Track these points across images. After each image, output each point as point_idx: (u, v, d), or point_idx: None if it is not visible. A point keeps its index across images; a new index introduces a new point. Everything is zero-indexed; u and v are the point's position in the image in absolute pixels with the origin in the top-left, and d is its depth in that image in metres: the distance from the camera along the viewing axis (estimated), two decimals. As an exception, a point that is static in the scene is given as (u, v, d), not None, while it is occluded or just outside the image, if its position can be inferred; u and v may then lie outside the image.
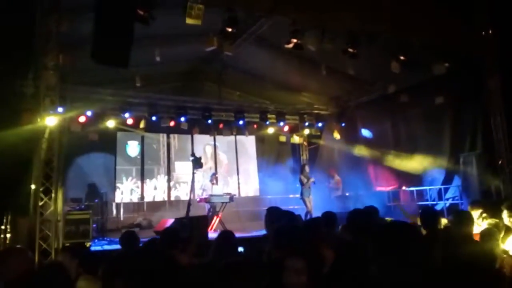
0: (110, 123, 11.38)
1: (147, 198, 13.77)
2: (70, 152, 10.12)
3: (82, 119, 10.58)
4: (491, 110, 9.24)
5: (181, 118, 11.83)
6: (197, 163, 10.64)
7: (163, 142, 14.48)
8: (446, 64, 9.04)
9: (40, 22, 7.35)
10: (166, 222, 9.88)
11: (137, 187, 13.73)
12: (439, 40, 8.58)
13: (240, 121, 12.58)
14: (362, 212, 3.77)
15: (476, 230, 4.35)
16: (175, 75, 13.10)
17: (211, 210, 10.93)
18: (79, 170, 12.11)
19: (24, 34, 7.39)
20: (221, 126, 13.34)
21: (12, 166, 7.63)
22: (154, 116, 11.48)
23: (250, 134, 14.66)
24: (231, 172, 15.46)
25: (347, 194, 12.70)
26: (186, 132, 13.29)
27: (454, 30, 8.51)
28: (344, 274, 2.59)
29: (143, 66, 9.90)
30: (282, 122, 13.18)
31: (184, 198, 13.47)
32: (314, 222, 4.63)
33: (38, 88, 7.97)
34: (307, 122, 13.68)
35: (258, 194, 15.34)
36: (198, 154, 11.42)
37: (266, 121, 12.81)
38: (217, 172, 13.69)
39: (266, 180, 14.75)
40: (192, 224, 8.59)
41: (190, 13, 6.65)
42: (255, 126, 13.62)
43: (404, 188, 11.61)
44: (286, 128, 13.96)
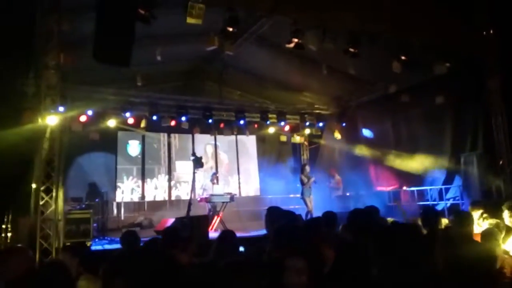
0: (111, 123, 11.38)
1: (148, 198, 13.77)
2: (71, 151, 10.12)
3: (83, 119, 10.58)
4: (492, 110, 9.24)
5: (182, 118, 11.82)
6: (197, 163, 10.64)
7: (164, 142, 14.48)
8: (447, 64, 9.03)
9: (40, 22, 7.36)
10: (166, 222, 9.88)
11: (137, 187, 13.74)
12: (440, 40, 8.58)
13: (241, 120, 12.57)
14: (362, 212, 3.76)
15: (477, 230, 4.35)
16: (176, 75, 13.11)
17: (212, 209, 10.94)
18: (80, 170, 12.12)
19: (24, 33, 7.40)
20: (222, 125, 13.33)
21: (13, 165, 7.64)
22: (155, 115, 11.47)
23: (251, 133, 14.66)
24: (232, 171, 15.46)
25: (348, 194, 12.69)
26: (187, 131, 13.29)
27: (454, 30, 8.50)
28: (344, 274, 2.59)
29: (144, 65, 9.91)
30: (283, 121, 13.18)
31: (184, 197, 13.48)
32: (314, 222, 4.62)
33: (39, 87, 7.99)
34: (308, 122, 13.66)
35: (258, 193, 15.34)
36: (198, 153, 11.42)
37: (267, 120, 12.80)
38: (217, 171, 13.69)
39: (266, 179, 14.76)
40: (192, 223, 8.60)
41: (191, 12, 6.66)
42: (256, 125, 13.61)
43: (404, 188, 11.60)
44: (287, 127, 13.94)
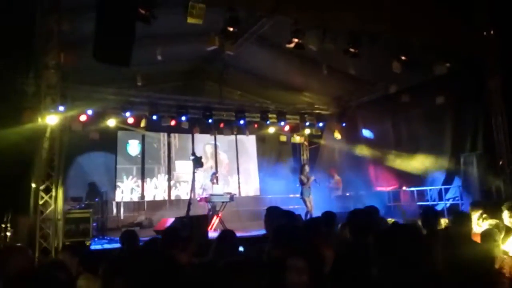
0: (111, 122, 11.38)
1: (148, 197, 13.77)
2: (71, 151, 10.11)
3: (83, 118, 10.58)
4: (492, 110, 9.24)
5: (182, 118, 11.82)
6: (197, 163, 10.64)
7: (164, 141, 14.48)
8: (447, 64, 9.03)
9: (40, 21, 7.35)
10: (166, 221, 9.87)
11: (137, 186, 13.74)
12: (440, 40, 8.58)
13: (240, 120, 12.57)
14: (362, 212, 3.76)
15: (476, 231, 4.35)
16: (176, 75, 13.10)
17: (211, 209, 10.93)
18: (80, 169, 12.12)
19: (25, 33, 7.39)
20: (221, 125, 13.33)
21: (12, 164, 7.63)
22: (155, 115, 11.47)
23: (251, 133, 14.67)
24: (232, 171, 15.46)
25: (348, 194, 12.69)
26: (187, 131, 13.29)
27: (454, 30, 8.50)
28: (344, 274, 2.59)
29: (144, 65, 9.90)
30: (283, 121, 13.18)
31: (184, 197, 13.48)
32: (314, 222, 4.62)
33: (39, 86, 7.98)
34: (308, 122, 13.66)
35: (258, 193, 15.33)
36: (198, 153, 11.43)
37: (266, 120, 12.80)
38: (217, 171, 13.68)
39: (266, 179, 14.76)
40: (192, 223, 8.60)
41: (192, 12, 6.65)
42: (256, 125, 13.61)
43: (404, 188, 11.61)
44: (287, 127, 13.94)
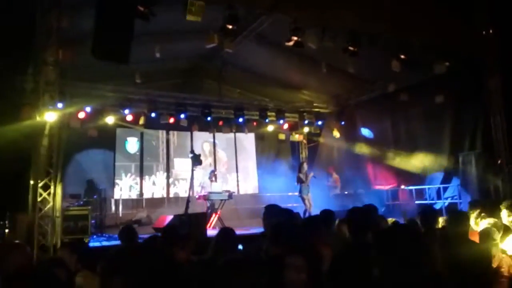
0: (110, 120, 11.34)
1: (146, 195, 13.78)
2: (69, 148, 10.09)
3: (81, 115, 10.55)
4: (491, 109, 9.24)
5: (180, 115, 11.82)
6: (196, 160, 10.64)
7: (163, 139, 14.47)
8: (447, 63, 9.04)
9: (40, 18, 7.33)
10: (165, 219, 9.86)
11: (136, 184, 13.74)
12: (439, 40, 8.58)
13: (239, 118, 12.57)
14: (361, 210, 3.76)
15: (475, 229, 4.35)
16: (175, 72, 13.08)
17: (210, 207, 10.94)
18: (78, 166, 12.09)
19: (24, 29, 7.38)
20: (220, 123, 13.30)
21: (11, 161, 7.63)
22: (154, 112, 11.47)
23: (250, 131, 14.63)
24: (230, 169, 15.46)
25: (346, 192, 12.71)
26: (186, 129, 13.29)
27: (454, 30, 8.50)
28: (343, 272, 2.60)
29: (143, 62, 9.88)
30: (282, 120, 13.18)
31: (183, 195, 13.48)
32: (312, 220, 4.63)
33: (37, 83, 7.96)
34: (307, 120, 13.66)
35: (257, 191, 15.35)
36: (196, 151, 11.42)
37: (265, 118, 12.80)
38: (216, 169, 13.68)
39: (265, 177, 14.77)
40: (190, 221, 8.60)
41: (191, 9, 6.65)
42: (255, 123, 13.59)
43: (403, 187, 11.62)
44: (286, 126, 13.95)
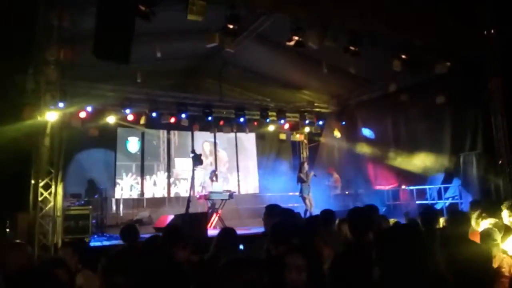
0: (111, 119, 11.37)
1: (147, 195, 13.78)
2: (70, 147, 10.10)
3: (82, 115, 10.57)
4: (492, 109, 9.23)
5: (181, 115, 11.83)
6: (197, 160, 10.63)
7: (163, 139, 14.47)
8: (447, 63, 9.02)
9: (41, 17, 7.33)
10: (166, 219, 9.87)
11: (137, 183, 13.74)
12: (440, 40, 8.56)
13: (240, 118, 12.58)
14: (362, 210, 3.76)
15: (476, 230, 4.34)
16: (176, 72, 13.07)
17: (211, 207, 10.94)
18: (79, 166, 12.10)
19: (25, 28, 7.38)
20: (221, 123, 13.32)
21: (12, 161, 7.64)
22: (155, 112, 11.49)
23: (251, 131, 14.63)
24: (231, 169, 15.46)
25: (347, 192, 12.70)
26: (186, 128, 13.29)
27: (454, 30, 8.48)
28: (344, 272, 2.59)
29: (144, 62, 9.87)
30: (283, 119, 13.18)
31: (184, 194, 13.47)
32: (312, 220, 4.63)
33: (38, 83, 7.97)
34: (308, 120, 13.67)
35: (257, 191, 15.34)
36: (197, 151, 11.42)
37: (266, 118, 12.80)
38: (217, 169, 13.69)
39: (266, 177, 14.77)
40: (191, 221, 8.60)
41: (192, 9, 6.63)
42: (256, 123, 13.59)
43: (403, 187, 11.62)
44: (287, 125, 13.96)
